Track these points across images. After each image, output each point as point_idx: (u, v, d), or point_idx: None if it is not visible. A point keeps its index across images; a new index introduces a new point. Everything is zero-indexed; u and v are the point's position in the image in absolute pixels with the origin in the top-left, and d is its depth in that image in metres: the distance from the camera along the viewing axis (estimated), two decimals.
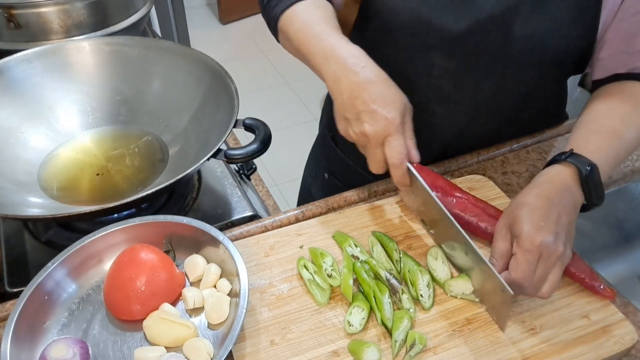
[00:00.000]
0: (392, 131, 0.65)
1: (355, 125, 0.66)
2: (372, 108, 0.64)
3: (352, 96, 0.65)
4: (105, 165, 0.90)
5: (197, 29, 3.35)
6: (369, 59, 0.68)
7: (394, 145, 0.65)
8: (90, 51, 0.98)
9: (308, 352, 0.61)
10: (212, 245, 0.67)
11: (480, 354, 0.61)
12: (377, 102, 0.64)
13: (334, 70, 0.67)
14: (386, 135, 0.65)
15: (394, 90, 0.67)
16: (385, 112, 0.64)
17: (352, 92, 0.65)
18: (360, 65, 0.66)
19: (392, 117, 0.64)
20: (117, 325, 0.64)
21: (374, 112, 0.64)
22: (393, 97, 0.66)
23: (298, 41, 0.73)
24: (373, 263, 0.68)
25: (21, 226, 0.85)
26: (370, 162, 0.68)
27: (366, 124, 0.65)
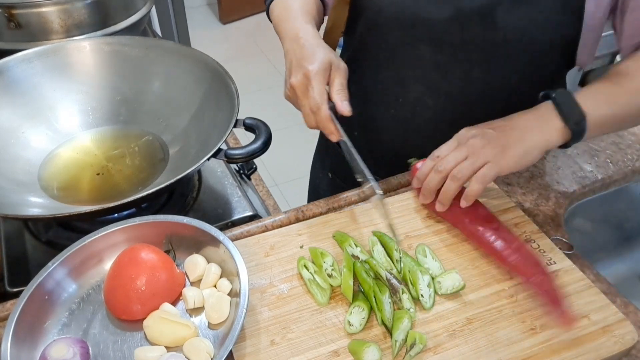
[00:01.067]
0: (311, 78, 0.70)
1: (288, 81, 0.73)
2: (299, 63, 0.72)
3: (290, 60, 0.73)
4: (106, 165, 0.90)
5: (197, 29, 3.34)
6: (315, 32, 0.76)
7: (310, 92, 0.70)
8: (91, 51, 0.98)
9: (308, 352, 0.61)
10: (213, 245, 0.67)
11: (480, 354, 0.61)
12: (304, 57, 0.72)
13: (287, 47, 0.76)
14: (307, 84, 0.70)
15: (322, 49, 0.72)
16: (307, 64, 0.70)
17: (291, 56, 0.73)
18: (302, 36, 0.74)
19: (312, 67, 0.70)
20: (118, 325, 0.64)
21: (299, 65, 0.71)
22: (320, 54, 0.71)
23: (275, 25, 0.82)
24: (373, 263, 0.68)
25: (21, 226, 0.85)
26: (303, 115, 0.73)
27: (292, 77, 0.72)
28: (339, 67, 0.72)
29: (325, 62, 0.71)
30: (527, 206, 0.81)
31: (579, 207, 0.86)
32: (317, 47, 0.72)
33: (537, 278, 0.65)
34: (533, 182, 0.85)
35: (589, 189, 0.86)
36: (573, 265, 0.70)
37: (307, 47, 0.72)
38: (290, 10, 0.81)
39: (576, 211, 0.86)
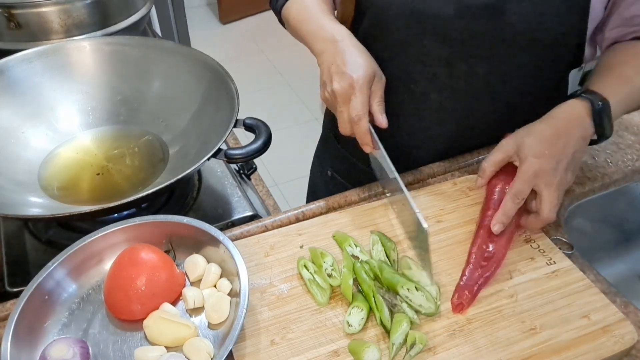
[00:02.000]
0: (355, 89, 0.70)
1: (328, 85, 0.73)
2: (342, 70, 0.71)
3: (330, 63, 0.73)
4: (106, 165, 0.90)
5: (197, 29, 3.34)
6: (350, 34, 0.75)
7: (354, 102, 0.70)
8: (91, 51, 0.98)
9: (308, 352, 0.61)
10: (213, 245, 0.67)
11: (480, 354, 0.61)
12: (347, 64, 0.71)
13: (320, 47, 0.76)
14: (350, 93, 0.70)
15: (366, 58, 0.72)
16: (351, 73, 0.70)
17: (330, 60, 0.73)
18: (340, 39, 0.74)
19: (356, 76, 0.70)
20: (118, 325, 0.64)
21: (343, 72, 0.71)
22: (362, 63, 0.71)
23: (295, 26, 0.82)
24: (373, 264, 0.68)
25: (21, 226, 0.85)
26: (339, 121, 0.73)
27: (335, 82, 0.71)
28: (381, 78, 0.74)
29: (371, 72, 0.71)
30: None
31: (579, 207, 0.86)
32: (361, 54, 0.72)
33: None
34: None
35: (589, 189, 0.86)
36: (573, 265, 0.70)
37: (349, 52, 0.72)
38: (312, 9, 0.80)
39: (576, 211, 0.86)
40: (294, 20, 0.82)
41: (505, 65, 0.79)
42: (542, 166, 0.69)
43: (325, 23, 0.77)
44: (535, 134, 0.71)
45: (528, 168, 0.69)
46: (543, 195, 0.69)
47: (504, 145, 0.73)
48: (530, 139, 0.70)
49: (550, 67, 0.84)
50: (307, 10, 0.81)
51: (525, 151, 0.70)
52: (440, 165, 0.88)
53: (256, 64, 3.25)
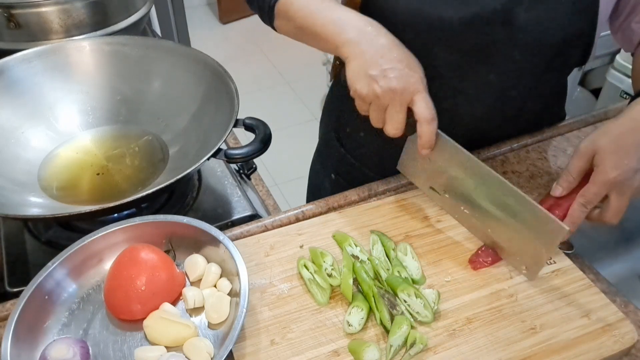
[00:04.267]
0: (420, 88, 0.66)
1: (382, 80, 0.66)
2: (399, 66, 0.66)
3: (377, 55, 0.66)
4: (106, 165, 0.90)
5: (197, 29, 3.34)
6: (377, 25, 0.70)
7: (426, 100, 0.66)
8: (90, 51, 0.98)
9: (308, 351, 0.61)
10: (213, 245, 0.67)
11: (481, 353, 0.61)
12: (403, 61, 0.66)
13: (352, 36, 0.68)
14: (414, 91, 0.66)
15: (414, 57, 0.68)
16: (411, 71, 0.66)
17: (377, 52, 0.66)
18: (380, 31, 0.68)
19: (419, 75, 0.66)
20: (118, 325, 0.64)
21: (401, 69, 0.65)
22: (415, 62, 0.68)
23: (302, 18, 0.73)
24: (375, 262, 0.68)
25: (21, 226, 0.85)
26: (391, 122, 0.68)
27: (394, 79, 0.65)
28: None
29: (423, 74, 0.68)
30: None
31: None
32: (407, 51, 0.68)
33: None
34: (533, 182, 0.85)
35: None
36: (573, 265, 0.71)
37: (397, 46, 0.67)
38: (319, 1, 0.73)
39: None
40: (300, 12, 0.73)
41: (516, 69, 0.79)
42: (619, 177, 0.64)
43: (348, 13, 0.70)
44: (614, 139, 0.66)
45: (605, 179, 0.65)
46: (612, 201, 0.66)
47: (582, 152, 0.68)
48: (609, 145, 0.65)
49: (559, 69, 0.84)
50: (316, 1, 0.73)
51: (602, 156, 0.65)
52: None
53: (256, 64, 3.25)
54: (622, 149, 0.65)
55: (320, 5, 0.72)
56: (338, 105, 1.00)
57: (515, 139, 0.93)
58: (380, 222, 0.76)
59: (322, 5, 0.72)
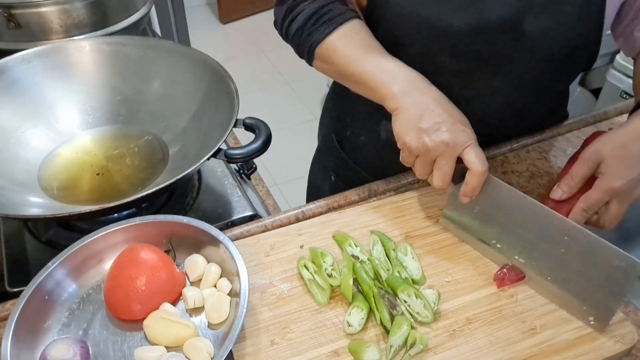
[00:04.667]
0: (472, 141, 0.67)
1: (434, 134, 0.66)
2: (452, 120, 0.67)
3: (429, 109, 0.68)
4: (106, 165, 0.90)
5: (197, 29, 3.34)
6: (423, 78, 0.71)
7: (477, 152, 0.67)
8: (90, 51, 0.98)
9: (308, 351, 0.61)
10: (213, 245, 0.67)
11: (481, 353, 0.61)
12: (454, 116, 0.68)
13: (402, 87, 0.69)
14: (465, 144, 0.66)
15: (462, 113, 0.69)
16: (462, 125, 0.67)
17: (428, 106, 0.68)
18: (430, 86, 0.70)
19: (471, 130, 0.68)
20: (118, 325, 0.64)
21: (454, 123, 0.67)
22: (463, 117, 0.69)
23: (346, 66, 0.74)
24: (375, 263, 0.68)
25: (21, 226, 0.85)
26: (438, 173, 0.68)
27: (447, 132, 0.66)
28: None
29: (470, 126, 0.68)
30: None
31: None
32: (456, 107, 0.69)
33: None
34: (533, 182, 0.85)
35: None
36: None
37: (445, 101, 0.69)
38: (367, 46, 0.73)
39: None
40: (343, 60, 0.74)
41: (522, 77, 0.78)
42: (622, 187, 0.65)
43: (396, 64, 0.71)
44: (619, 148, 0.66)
45: (609, 187, 0.66)
46: (612, 207, 0.67)
47: (587, 159, 0.68)
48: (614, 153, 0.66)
49: (564, 76, 0.84)
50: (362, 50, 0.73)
51: (608, 168, 0.66)
52: None
53: (256, 64, 3.25)
54: (627, 159, 0.65)
55: (366, 54, 0.73)
56: (339, 107, 0.99)
57: (515, 139, 0.93)
58: (380, 222, 0.76)
59: (369, 55, 0.73)
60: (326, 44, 0.75)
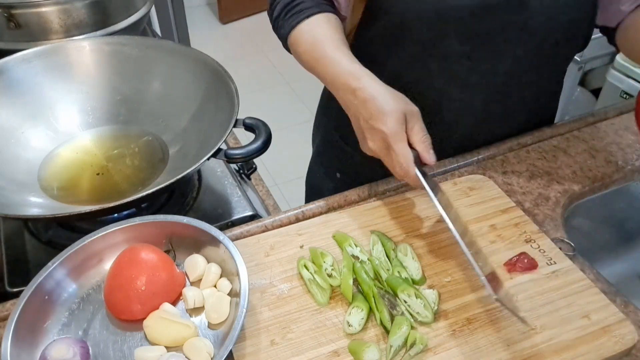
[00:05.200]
0: (390, 143, 0.67)
1: (364, 143, 0.70)
2: (370, 124, 0.68)
3: (356, 118, 0.70)
4: (106, 165, 0.90)
5: (197, 29, 3.35)
6: (368, 76, 0.70)
7: (393, 156, 0.67)
8: (90, 51, 0.98)
9: (308, 352, 0.61)
10: (213, 245, 0.67)
11: (481, 354, 0.61)
12: (372, 117, 0.68)
13: (342, 97, 0.72)
14: (387, 147, 0.67)
15: (390, 102, 0.68)
16: (380, 126, 0.67)
17: (356, 114, 0.70)
18: (356, 86, 0.70)
19: (387, 128, 0.66)
20: (118, 325, 0.64)
21: (372, 128, 0.68)
22: (389, 109, 0.67)
23: (307, 63, 0.78)
24: (376, 263, 0.68)
25: (21, 226, 0.85)
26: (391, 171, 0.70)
27: (369, 140, 0.69)
28: (413, 112, 0.69)
29: (399, 116, 0.67)
30: (527, 206, 0.81)
31: (579, 207, 0.86)
32: (382, 98, 0.68)
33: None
34: (533, 182, 0.85)
35: (589, 188, 0.86)
36: (573, 265, 0.70)
37: (369, 102, 0.68)
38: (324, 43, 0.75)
39: (576, 211, 0.86)
40: (304, 56, 0.77)
41: (526, 56, 0.79)
42: None
43: (338, 67, 0.72)
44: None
45: None
46: None
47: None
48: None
49: (563, 56, 0.85)
50: (319, 45, 0.75)
51: None
52: (440, 165, 0.88)
53: (256, 64, 3.25)
54: None
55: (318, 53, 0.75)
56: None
57: (515, 139, 0.93)
58: (380, 223, 0.76)
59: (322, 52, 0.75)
60: (293, 36, 0.79)
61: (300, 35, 0.78)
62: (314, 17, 0.78)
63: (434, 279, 0.69)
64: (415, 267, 0.69)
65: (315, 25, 0.78)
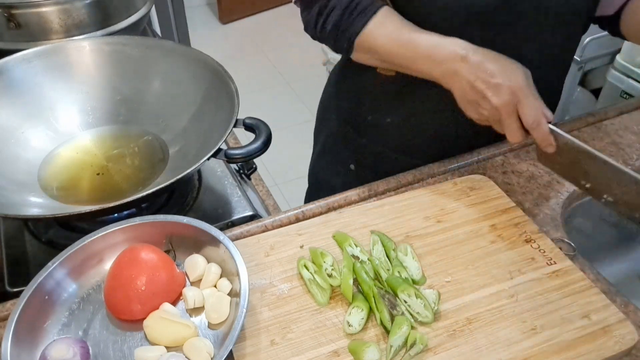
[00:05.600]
0: (520, 97, 0.67)
1: (484, 103, 0.69)
2: (494, 82, 0.68)
3: (471, 80, 0.69)
4: (106, 165, 0.90)
5: (197, 29, 3.35)
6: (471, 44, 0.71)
7: (527, 109, 0.67)
8: (90, 51, 0.98)
9: (308, 352, 0.61)
10: (213, 245, 0.67)
11: (481, 354, 0.61)
12: (496, 76, 0.68)
13: (447, 67, 0.71)
14: (516, 102, 0.67)
15: (507, 61, 0.69)
16: (508, 82, 0.67)
17: (470, 77, 0.69)
18: (468, 52, 0.70)
19: (515, 83, 0.67)
20: (118, 325, 0.64)
21: (497, 85, 0.68)
22: (509, 67, 0.69)
23: (389, 53, 0.77)
24: (376, 263, 0.68)
25: (21, 226, 0.85)
26: (508, 133, 0.70)
27: (494, 97, 0.68)
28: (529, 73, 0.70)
29: (525, 71, 0.68)
30: (527, 206, 0.81)
31: (579, 207, 0.86)
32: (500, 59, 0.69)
33: None
34: (533, 182, 0.85)
35: None
36: (573, 265, 0.70)
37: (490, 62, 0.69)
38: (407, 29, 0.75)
39: (576, 211, 0.86)
40: (389, 46, 0.77)
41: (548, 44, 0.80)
42: None
43: (435, 42, 0.73)
44: None
45: None
46: None
47: None
48: None
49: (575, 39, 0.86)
50: (403, 30, 0.75)
51: None
52: (440, 165, 0.88)
53: (256, 64, 3.25)
54: None
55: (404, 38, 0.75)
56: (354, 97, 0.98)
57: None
58: (380, 222, 0.76)
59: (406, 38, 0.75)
60: (365, 34, 0.78)
61: (375, 29, 0.78)
62: (381, 11, 0.78)
63: (434, 279, 0.69)
64: (415, 267, 0.69)
65: (386, 17, 0.78)
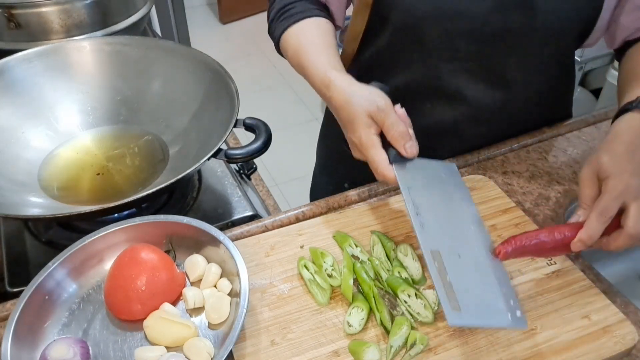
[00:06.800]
0: (362, 151, 0.68)
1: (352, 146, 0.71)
2: (346, 135, 0.70)
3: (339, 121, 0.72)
4: (106, 165, 0.90)
5: (197, 29, 3.35)
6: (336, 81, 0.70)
7: (370, 162, 0.67)
8: (91, 51, 0.98)
9: (308, 352, 0.61)
10: (213, 245, 0.67)
11: (481, 354, 0.61)
12: (344, 127, 0.71)
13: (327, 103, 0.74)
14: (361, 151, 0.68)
15: (354, 107, 0.67)
16: (351, 136, 0.69)
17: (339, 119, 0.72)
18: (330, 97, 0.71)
19: (356, 138, 0.68)
20: (118, 325, 0.64)
21: (348, 138, 0.70)
22: (353, 116, 0.67)
23: (295, 68, 0.81)
24: (375, 263, 0.68)
25: (22, 226, 0.85)
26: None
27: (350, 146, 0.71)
28: (380, 107, 0.66)
29: (365, 121, 0.66)
30: (527, 206, 0.81)
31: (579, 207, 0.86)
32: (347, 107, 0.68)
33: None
34: (533, 182, 0.85)
35: None
36: (573, 265, 0.71)
37: (339, 112, 0.69)
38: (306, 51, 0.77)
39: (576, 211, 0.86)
40: (292, 61, 0.81)
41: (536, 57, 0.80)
42: (628, 182, 0.63)
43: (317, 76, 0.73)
44: (608, 153, 0.65)
45: (615, 185, 0.63)
46: (631, 209, 0.62)
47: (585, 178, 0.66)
48: (607, 158, 0.64)
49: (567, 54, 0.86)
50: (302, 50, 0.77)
51: (606, 170, 0.64)
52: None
53: (256, 64, 3.25)
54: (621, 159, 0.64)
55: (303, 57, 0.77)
56: None
57: (515, 139, 0.93)
58: (380, 223, 0.76)
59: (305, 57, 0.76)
60: (282, 41, 0.82)
61: (289, 39, 0.80)
62: (303, 21, 0.79)
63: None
64: (415, 267, 0.69)
65: (303, 30, 0.79)
